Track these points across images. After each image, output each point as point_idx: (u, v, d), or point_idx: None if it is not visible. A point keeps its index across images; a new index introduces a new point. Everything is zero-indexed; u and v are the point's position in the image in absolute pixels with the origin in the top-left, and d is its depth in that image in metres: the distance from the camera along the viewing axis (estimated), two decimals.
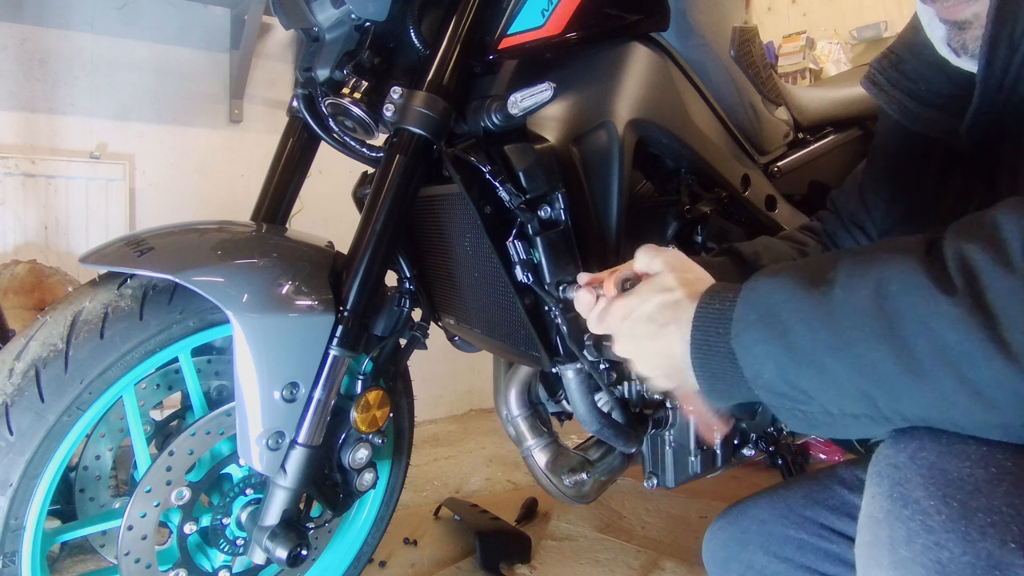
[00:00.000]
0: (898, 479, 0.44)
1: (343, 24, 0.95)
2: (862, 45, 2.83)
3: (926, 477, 0.42)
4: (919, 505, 0.42)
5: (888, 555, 0.42)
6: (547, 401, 1.20)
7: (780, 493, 0.81)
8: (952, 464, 0.42)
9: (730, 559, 0.80)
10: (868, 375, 0.44)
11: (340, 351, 0.85)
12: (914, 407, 0.44)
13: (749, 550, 0.78)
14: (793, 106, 1.35)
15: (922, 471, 0.43)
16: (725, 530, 0.83)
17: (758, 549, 0.78)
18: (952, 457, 0.42)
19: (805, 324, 0.46)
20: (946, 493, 0.41)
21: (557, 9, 0.90)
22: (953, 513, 0.40)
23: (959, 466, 0.42)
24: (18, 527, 0.80)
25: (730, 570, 0.80)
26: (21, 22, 1.85)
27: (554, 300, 0.88)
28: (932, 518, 0.41)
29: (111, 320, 0.82)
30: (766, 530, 0.78)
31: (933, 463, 0.43)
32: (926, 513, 0.41)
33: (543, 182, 0.86)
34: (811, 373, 0.47)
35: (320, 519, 1.00)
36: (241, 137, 2.18)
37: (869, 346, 0.43)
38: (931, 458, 0.43)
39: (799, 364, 0.47)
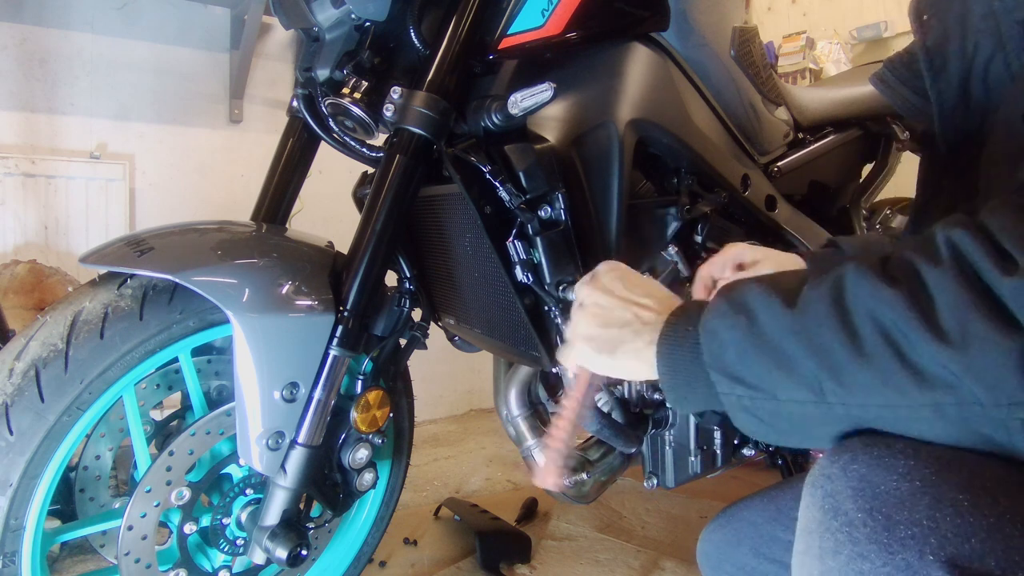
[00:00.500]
0: (830, 491, 0.45)
1: (343, 24, 0.96)
2: (862, 45, 2.83)
3: (855, 489, 0.44)
4: (847, 517, 0.43)
5: (817, 565, 0.44)
6: (547, 401, 1.20)
7: (771, 495, 0.82)
8: (880, 477, 0.43)
9: (723, 560, 0.82)
10: (820, 357, 0.47)
11: (340, 351, 0.85)
12: (857, 389, 0.46)
13: (741, 551, 0.80)
14: (793, 106, 1.35)
15: (852, 483, 0.44)
16: (718, 532, 0.84)
17: (749, 550, 0.79)
18: (881, 470, 0.44)
19: (770, 311, 0.50)
20: (872, 505, 0.42)
21: (557, 9, 0.90)
22: (877, 525, 0.41)
23: (887, 479, 0.43)
24: (18, 527, 0.80)
25: (722, 571, 0.82)
26: (21, 22, 1.85)
27: (554, 300, 0.88)
28: (858, 530, 0.42)
29: (111, 320, 0.82)
30: (757, 532, 0.79)
31: (863, 475, 0.44)
32: (852, 525, 0.43)
33: (543, 182, 0.86)
34: (769, 357, 0.50)
35: (320, 519, 1.00)
36: (241, 137, 2.18)
37: (823, 331, 0.47)
38: (861, 470, 0.44)
39: (758, 348, 0.50)
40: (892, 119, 1.53)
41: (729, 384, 0.52)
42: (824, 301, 0.47)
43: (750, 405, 0.52)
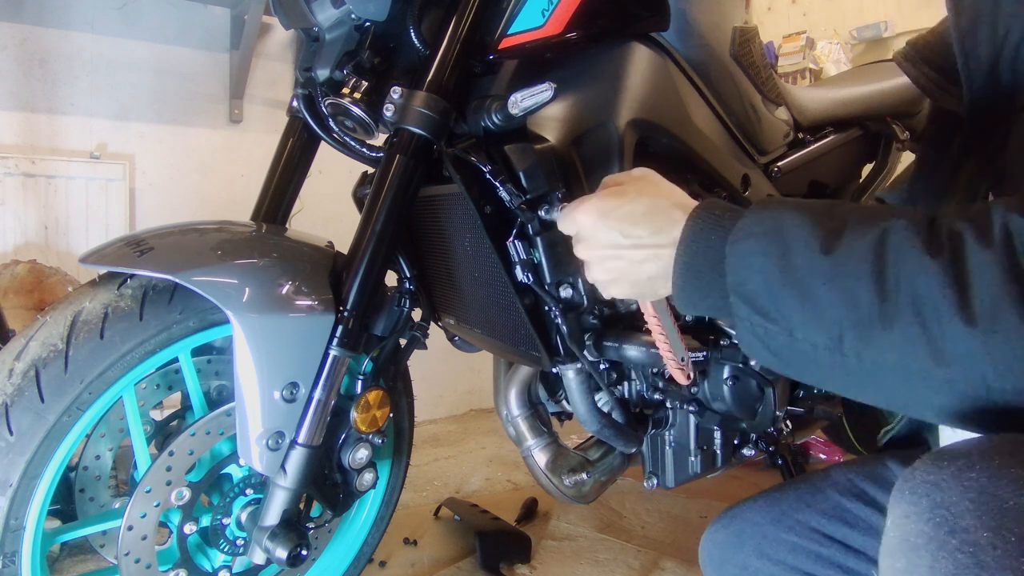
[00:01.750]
0: (940, 501, 0.40)
1: (343, 24, 0.95)
2: (862, 45, 2.83)
3: (976, 502, 0.38)
4: (968, 535, 0.38)
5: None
6: (547, 401, 1.20)
7: (774, 496, 0.82)
8: (1007, 491, 0.38)
9: (725, 561, 0.81)
10: (848, 308, 0.46)
11: (340, 351, 0.85)
12: (876, 347, 0.46)
13: (743, 552, 0.79)
14: (793, 106, 1.35)
15: (970, 495, 0.39)
16: (720, 532, 0.84)
17: (752, 551, 0.79)
18: (1007, 482, 0.38)
19: (808, 249, 0.48)
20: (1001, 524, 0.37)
21: (557, 9, 0.90)
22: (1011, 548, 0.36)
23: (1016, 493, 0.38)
24: (18, 527, 0.80)
25: (725, 572, 0.81)
26: (21, 22, 1.85)
27: (554, 300, 0.88)
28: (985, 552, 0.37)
29: (111, 320, 0.82)
30: (760, 533, 0.79)
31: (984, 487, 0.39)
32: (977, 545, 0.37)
33: (543, 182, 0.86)
34: (795, 294, 0.49)
35: (320, 519, 1.00)
36: (241, 137, 2.18)
37: (858, 283, 0.46)
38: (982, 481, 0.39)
39: (787, 284, 0.49)
40: (892, 119, 1.53)
41: (748, 310, 0.51)
42: (865, 254, 0.46)
43: (763, 334, 0.51)
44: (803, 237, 0.49)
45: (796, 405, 1.17)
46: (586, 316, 0.91)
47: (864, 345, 0.46)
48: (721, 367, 1.00)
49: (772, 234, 0.51)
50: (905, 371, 0.45)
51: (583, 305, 0.90)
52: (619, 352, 0.91)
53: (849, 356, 0.47)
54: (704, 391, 1.03)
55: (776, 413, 1.09)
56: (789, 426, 1.18)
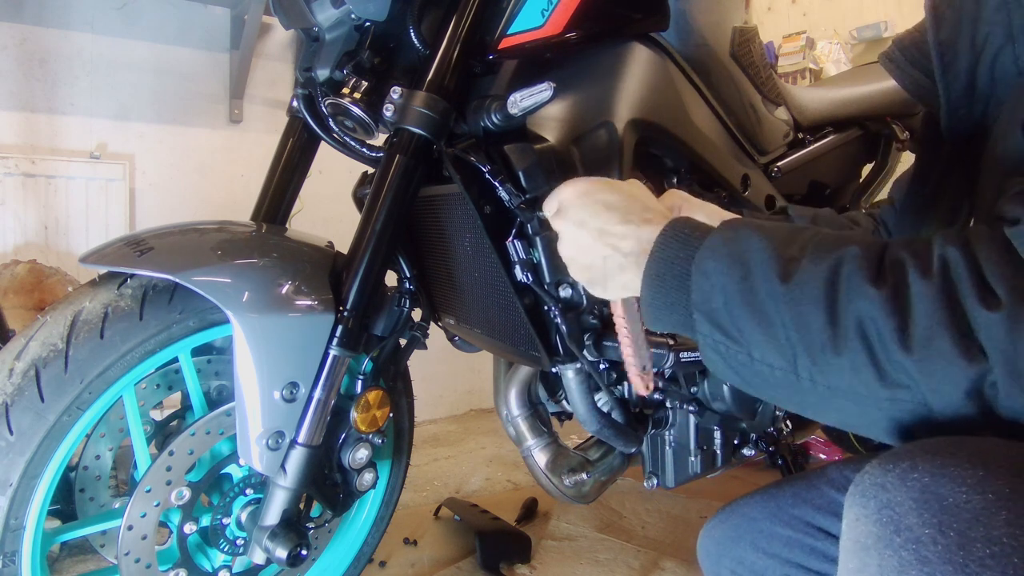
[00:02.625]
0: (887, 501, 0.42)
1: (343, 24, 0.96)
2: (862, 45, 2.83)
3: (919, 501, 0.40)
4: (912, 533, 0.40)
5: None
6: (547, 401, 1.20)
7: (771, 492, 0.83)
8: (947, 488, 0.40)
9: (722, 555, 0.83)
10: (802, 333, 0.49)
11: (340, 351, 0.85)
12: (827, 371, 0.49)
13: (740, 547, 0.81)
14: (793, 106, 1.35)
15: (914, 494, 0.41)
16: (718, 527, 0.85)
17: (748, 546, 0.80)
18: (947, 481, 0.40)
19: (767, 274, 0.51)
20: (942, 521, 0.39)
21: (557, 9, 0.90)
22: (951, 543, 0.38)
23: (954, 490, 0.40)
24: (18, 527, 0.80)
25: (722, 566, 0.83)
26: (21, 22, 1.85)
27: (554, 300, 0.88)
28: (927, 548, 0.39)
29: (111, 320, 0.83)
30: (756, 528, 0.80)
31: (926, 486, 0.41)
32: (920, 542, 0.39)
33: (543, 182, 0.86)
34: (754, 317, 0.51)
35: (320, 519, 1.01)
36: (241, 137, 2.18)
37: (812, 310, 0.48)
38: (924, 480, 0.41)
39: (746, 304, 0.51)
40: (892, 119, 1.53)
41: (710, 328, 0.53)
42: (819, 282, 0.49)
43: (724, 352, 0.53)
44: (764, 261, 0.51)
45: None
46: (586, 316, 0.91)
47: (817, 369, 0.49)
48: None
49: (735, 256, 0.53)
50: (855, 394, 0.48)
51: (583, 305, 0.90)
52: (619, 352, 0.91)
53: (803, 379, 0.50)
54: (704, 391, 1.03)
55: (776, 413, 1.09)
56: (789, 426, 1.18)
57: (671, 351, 0.93)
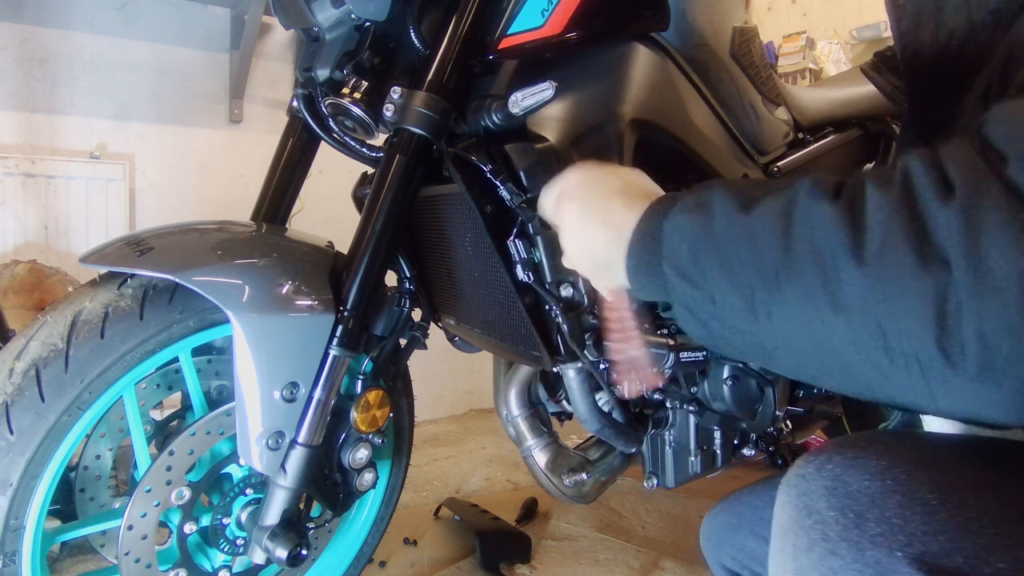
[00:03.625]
0: (804, 489, 0.47)
1: (343, 24, 0.96)
2: (862, 45, 2.83)
3: (829, 488, 0.45)
4: (820, 515, 0.45)
5: (791, 562, 0.46)
6: (547, 401, 1.20)
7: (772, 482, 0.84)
8: (853, 476, 0.45)
9: (723, 542, 0.84)
10: (756, 266, 0.47)
11: (340, 351, 0.85)
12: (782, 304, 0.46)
13: (741, 533, 0.82)
14: (793, 106, 1.35)
15: (826, 482, 0.45)
16: (721, 515, 0.87)
17: (748, 533, 0.81)
18: (854, 470, 0.45)
19: (727, 214, 0.49)
20: (844, 504, 0.44)
21: (557, 9, 0.90)
22: (848, 523, 0.43)
23: (859, 478, 0.44)
24: (18, 527, 0.80)
25: (723, 552, 0.84)
26: (21, 22, 1.85)
27: (555, 299, 0.88)
28: (830, 527, 0.44)
29: (111, 320, 0.83)
30: (757, 515, 0.81)
31: (837, 475, 0.45)
32: (825, 523, 0.44)
33: (543, 181, 0.85)
34: (715, 258, 0.49)
35: (320, 519, 1.01)
36: (241, 137, 2.18)
37: (765, 237, 0.47)
38: (836, 470, 0.46)
39: (709, 250, 0.50)
40: (892, 119, 1.53)
41: (678, 280, 0.52)
42: (774, 210, 0.47)
43: (692, 304, 0.52)
44: (725, 204, 0.50)
45: (796, 405, 1.17)
46: (587, 315, 0.91)
47: (772, 301, 0.46)
48: (721, 367, 1.00)
49: (700, 206, 0.52)
50: (808, 325, 0.45)
51: (584, 304, 0.90)
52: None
53: (760, 316, 0.48)
54: (704, 391, 1.03)
55: (776, 413, 1.09)
56: (789, 426, 1.18)
57: (671, 351, 0.93)
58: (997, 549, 0.40)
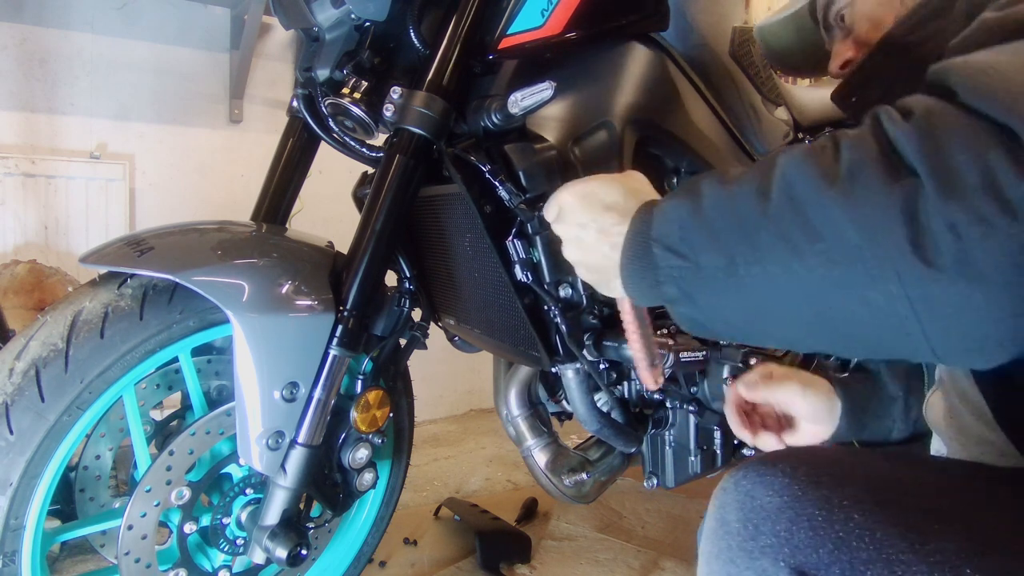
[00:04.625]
0: (722, 502, 0.52)
1: (343, 24, 0.96)
2: None
3: (740, 502, 0.50)
4: (730, 526, 0.50)
5: (705, 568, 0.52)
6: (547, 401, 1.20)
7: None
8: (760, 492, 0.49)
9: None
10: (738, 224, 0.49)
11: (340, 351, 0.85)
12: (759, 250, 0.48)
13: None
14: (793, 106, 1.35)
15: (739, 496, 0.50)
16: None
17: None
18: (761, 486, 0.49)
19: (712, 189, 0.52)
20: (748, 517, 0.49)
21: (557, 9, 0.90)
22: (747, 534, 0.48)
23: (764, 494, 0.49)
24: (18, 527, 0.80)
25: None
26: (21, 22, 1.85)
27: (553, 299, 0.88)
28: (733, 538, 0.49)
29: (111, 320, 0.83)
30: None
31: (748, 490, 0.50)
32: (731, 533, 0.49)
33: (543, 181, 0.86)
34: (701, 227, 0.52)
35: (320, 519, 1.01)
36: (241, 137, 2.18)
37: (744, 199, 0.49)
38: (748, 486, 0.50)
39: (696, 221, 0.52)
40: None
41: (664, 255, 0.54)
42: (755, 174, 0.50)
43: (679, 277, 0.54)
44: (713, 181, 0.53)
45: None
46: (586, 316, 0.91)
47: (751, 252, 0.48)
48: (721, 367, 1.00)
49: (690, 189, 0.55)
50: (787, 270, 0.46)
51: (582, 305, 0.90)
52: (619, 352, 0.91)
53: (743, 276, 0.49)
54: (704, 391, 1.03)
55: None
56: None
57: (671, 351, 0.93)
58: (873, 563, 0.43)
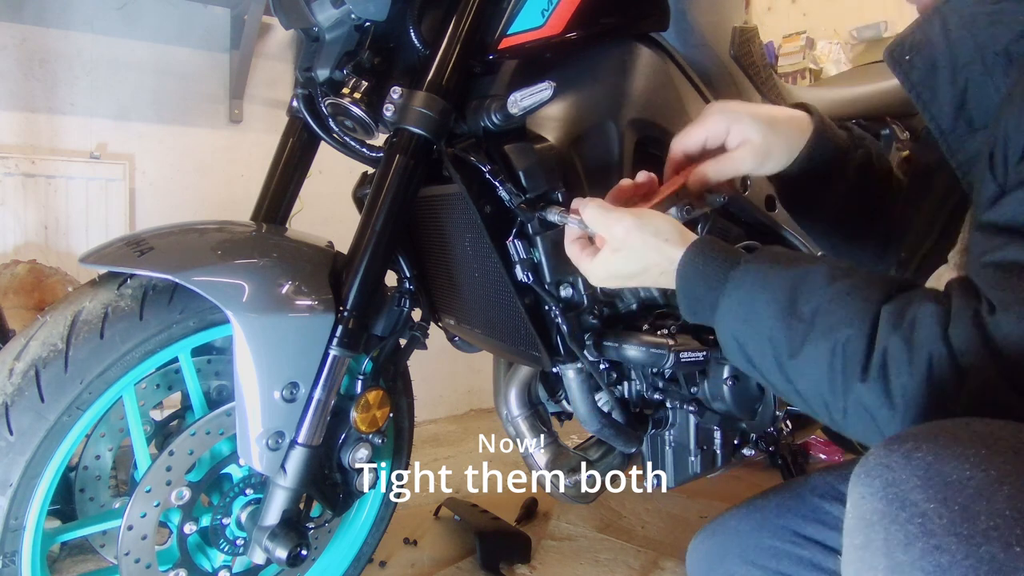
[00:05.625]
0: (891, 480, 0.43)
1: (343, 24, 0.95)
2: (862, 45, 2.83)
3: (923, 479, 0.41)
4: (917, 508, 0.41)
5: (883, 559, 0.42)
6: (547, 401, 1.20)
7: (756, 504, 0.85)
8: (950, 466, 0.41)
9: (711, 570, 0.84)
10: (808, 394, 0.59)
11: (340, 351, 0.85)
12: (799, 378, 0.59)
13: (728, 560, 0.82)
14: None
15: (919, 472, 0.42)
16: (705, 543, 0.87)
17: (736, 558, 0.81)
18: (950, 459, 0.41)
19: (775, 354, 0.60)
20: (946, 496, 0.40)
21: (557, 9, 0.90)
22: (955, 516, 0.39)
23: (958, 468, 0.41)
24: (18, 527, 0.80)
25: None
26: (21, 22, 1.85)
27: (554, 300, 0.88)
28: (932, 521, 0.40)
29: (111, 320, 0.82)
30: (743, 540, 0.82)
31: (930, 464, 0.42)
32: (925, 516, 0.40)
33: (543, 182, 0.86)
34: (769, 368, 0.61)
35: (320, 519, 1.00)
36: (241, 137, 2.18)
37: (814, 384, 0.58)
38: (928, 459, 0.42)
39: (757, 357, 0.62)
40: (892, 119, 1.52)
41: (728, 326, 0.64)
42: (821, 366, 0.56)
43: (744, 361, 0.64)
44: (771, 332, 0.60)
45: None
46: (586, 316, 0.91)
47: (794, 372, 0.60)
48: (721, 367, 1.00)
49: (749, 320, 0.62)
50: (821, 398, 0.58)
51: (583, 305, 0.90)
52: (619, 352, 0.91)
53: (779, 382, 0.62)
54: (704, 391, 1.03)
55: (776, 413, 1.09)
56: (789, 426, 1.18)
57: (671, 351, 0.93)
58: None
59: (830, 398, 0.56)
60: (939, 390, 0.50)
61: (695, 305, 0.67)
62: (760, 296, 0.61)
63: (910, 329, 0.52)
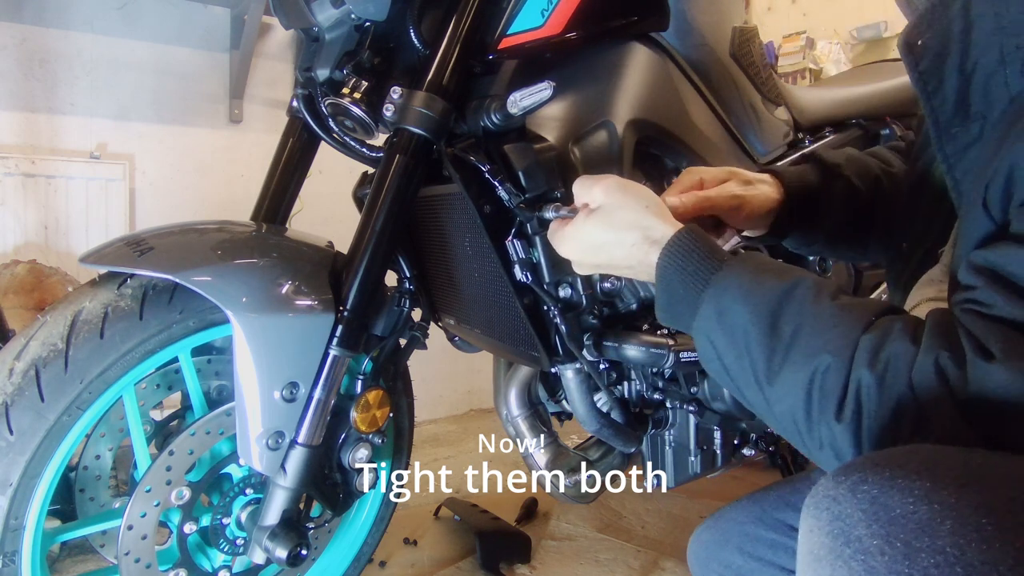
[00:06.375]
0: (838, 513, 0.42)
1: (343, 24, 0.95)
2: (862, 45, 2.83)
3: (867, 513, 0.41)
4: (861, 544, 0.40)
5: None
6: (547, 401, 1.20)
7: (757, 497, 0.86)
8: (895, 499, 0.40)
9: (710, 559, 0.85)
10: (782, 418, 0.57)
11: (340, 351, 0.85)
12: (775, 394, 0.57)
13: (727, 550, 0.83)
14: (793, 106, 1.35)
15: (863, 506, 0.41)
16: (706, 533, 0.88)
17: (735, 549, 0.82)
18: (895, 492, 0.41)
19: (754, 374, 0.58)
20: (889, 531, 0.39)
21: (557, 9, 0.90)
22: (897, 553, 0.39)
23: (902, 502, 0.40)
24: (18, 527, 0.80)
25: (710, 569, 0.85)
26: (21, 22, 1.85)
27: (553, 300, 0.88)
28: (875, 558, 0.39)
29: (111, 320, 0.83)
30: (742, 531, 0.83)
31: (875, 497, 0.41)
32: (868, 552, 0.40)
33: (542, 181, 0.86)
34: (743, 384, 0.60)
35: (320, 519, 1.00)
36: (241, 137, 2.18)
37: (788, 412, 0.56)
38: (872, 492, 0.41)
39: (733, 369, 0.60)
40: (892, 119, 1.52)
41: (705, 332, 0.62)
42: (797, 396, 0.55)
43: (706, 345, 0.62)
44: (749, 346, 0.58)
45: None
46: (585, 316, 0.91)
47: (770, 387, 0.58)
48: None
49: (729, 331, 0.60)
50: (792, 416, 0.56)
51: (582, 305, 0.90)
52: (618, 352, 0.91)
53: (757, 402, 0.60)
54: (704, 391, 1.03)
55: None
56: None
57: (671, 351, 0.93)
58: None
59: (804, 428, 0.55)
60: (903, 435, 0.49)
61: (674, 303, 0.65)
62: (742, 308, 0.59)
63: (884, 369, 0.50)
